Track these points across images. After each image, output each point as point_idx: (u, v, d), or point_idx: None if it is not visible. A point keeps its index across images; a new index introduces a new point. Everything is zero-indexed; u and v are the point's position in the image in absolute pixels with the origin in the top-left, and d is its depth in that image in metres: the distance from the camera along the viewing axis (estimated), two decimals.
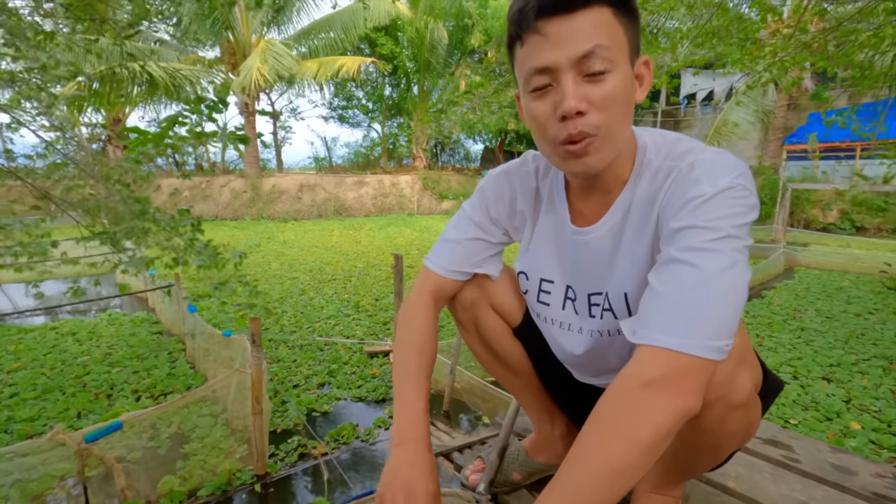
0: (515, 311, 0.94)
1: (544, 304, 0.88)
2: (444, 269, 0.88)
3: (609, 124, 0.64)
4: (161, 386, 2.85)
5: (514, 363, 0.98)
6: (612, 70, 0.62)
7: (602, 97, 0.63)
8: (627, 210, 0.74)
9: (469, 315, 0.94)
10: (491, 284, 0.92)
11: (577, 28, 0.61)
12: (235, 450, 2.24)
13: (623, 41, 0.63)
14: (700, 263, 0.57)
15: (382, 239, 9.00)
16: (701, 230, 0.59)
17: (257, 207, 12.51)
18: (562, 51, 0.62)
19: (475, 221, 0.89)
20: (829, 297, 4.82)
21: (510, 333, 0.96)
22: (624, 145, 0.71)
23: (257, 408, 2.01)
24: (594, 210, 0.78)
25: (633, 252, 0.74)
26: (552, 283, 0.87)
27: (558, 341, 0.89)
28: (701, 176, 0.64)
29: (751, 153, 12.87)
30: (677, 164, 0.68)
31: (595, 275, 0.80)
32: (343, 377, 3.02)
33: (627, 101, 0.65)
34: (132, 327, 3.97)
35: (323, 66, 11.92)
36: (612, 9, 0.61)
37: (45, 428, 2.43)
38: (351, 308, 4.52)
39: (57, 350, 3.46)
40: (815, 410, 2.55)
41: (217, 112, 2.75)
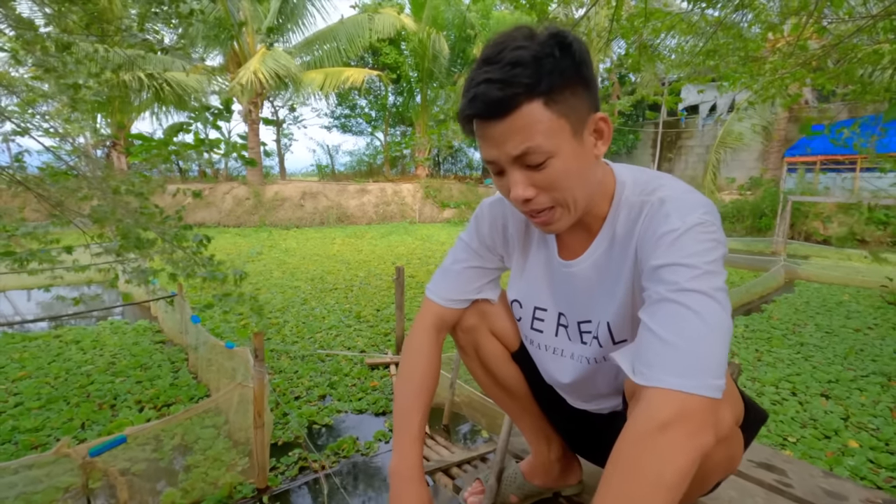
0: (514, 335, 0.98)
1: (538, 331, 0.92)
2: (444, 299, 0.91)
3: (563, 198, 0.69)
4: (164, 397, 2.88)
5: (512, 387, 1.01)
6: (555, 155, 0.65)
7: (548, 182, 0.67)
8: (610, 244, 0.79)
9: (469, 339, 0.97)
10: (490, 310, 0.96)
11: (508, 132, 0.64)
12: (237, 462, 2.27)
13: (561, 125, 0.65)
14: (695, 306, 0.60)
15: (384, 247, 9.04)
16: (682, 268, 0.63)
17: (260, 215, 12.57)
18: (500, 150, 0.66)
19: (472, 249, 0.93)
20: (828, 311, 4.84)
21: (509, 357, 1.00)
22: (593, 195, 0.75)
23: (259, 422, 2.04)
24: (579, 243, 0.83)
25: (613, 285, 0.79)
26: (545, 310, 0.91)
27: (548, 367, 0.93)
28: (671, 211, 0.68)
29: (752, 164, 12.92)
30: (649, 199, 0.72)
31: (583, 304, 0.85)
32: (344, 389, 3.05)
33: (580, 171, 0.69)
34: (135, 336, 4.00)
35: (329, 76, 12.05)
36: (544, 99, 0.63)
37: (50, 439, 2.45)
38: (352, 318, 4.55)
39: (61, 359, 3.49)
40: (814, 428, 2.57)
41: (222, 120, 2.81)
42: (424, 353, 0.88)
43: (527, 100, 0.62)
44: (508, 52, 0.62)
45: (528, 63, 0.62)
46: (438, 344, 0.91)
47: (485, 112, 0.64)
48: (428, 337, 0.89)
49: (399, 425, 0.83)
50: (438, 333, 0.92)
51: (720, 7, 4.28)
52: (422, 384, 0.86)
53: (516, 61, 0.61)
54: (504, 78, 0.61)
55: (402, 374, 0.88)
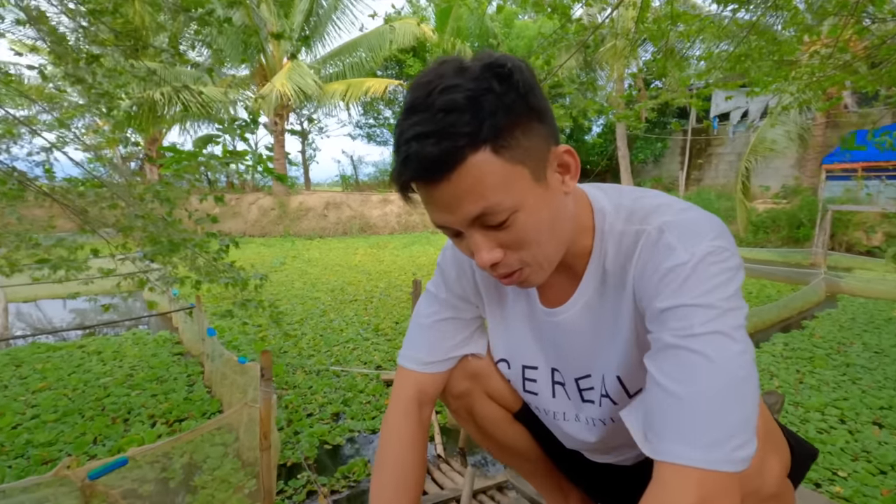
0: (515, 395, 0.83)
1: (531, 393, 0.77)
2: (420, 364, 0.75)
3: (534, 255, 0.57)
4: (177, 411, 2.84)
5: (519, 449, 0.87)
6: (519, 209, 0.53)
7: (514, 240, 0.55)
8: (601, 283, 0.65)
9: (462, 404, 0.83)
10: (483, 368, 0.80)
11: (457, 193, 0.51)
12: (244, 484, 2.19)
13: (518, 172, 0.52)
14: (710, 353, 0.49)
15: (405, 258, 8.99)
16: (695, 309, 0.50)
17: (284, 225, 12.74)
18: (452, 214, 0.53)
19: (441, 300, 0.78)
20: (877, 328, 4.51)
21: (511, 420, 0.85)
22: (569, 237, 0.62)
23: (265, 444, 1.95)
24: (563, 286, 0.68)
25: (616, 330, 0.65)
26: (536, 368, 0.76)
27: (562, 429, 0.79)
28: (674, 242, 0.55)
29: (788, 172, 12.43)
30: (644, 228, 0.59)
31: (579, 357, 0.70)
32: (358, 407, 2.95)
33: (550, 218, 0.56)
34: (155, 347, 4.01)
35: (351, 87, 12.17)
36: (491, 146, 0.50)
37: (62, 454, 2.43)
38: (370, 331, 4.47)
39: (81, 370, 3.51)
40: (867, 461, 2.34)
41: (249, 132, 2.80)
42: (404, 440, 0.71)
43: (471, 151, 0.49)
44: (437, 96, 0.50)
45: (464, 107, 0.49)
46: (421, 424, 0.74)
47: (423, 175, 0.51)
48: (407, 418, 0.73)
49: None
50: (421, 409, 0.75)
51: (752, 8, 4.09)
52: (403, 482, 0.69)
53: (450, 107, 0.49)
54: (438, 129, 0.49)
55: (378, 469, 0.71)
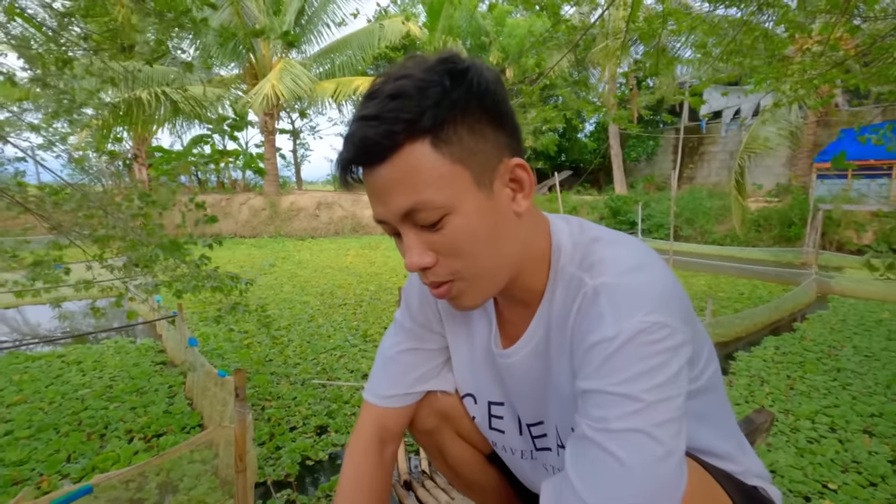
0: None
1: (498, 430, 0.72)
2: (381, 398, 0.71)
3: (467, 267, 0.52)
4: (156, 426, 2.77)
5: (490, 490, 0.82)
6: (452, 211, 0.50)
7: (446, 244, 0.51)
8: (547, 330, 0.60)
9: (432, 442, 0.77)
10: (453, 410, 0.75)
11: (390, 182, 0.49)
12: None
13: (457, 172, 0.49)
14: (622, 455, 0.43)
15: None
16: (613, 398, 0.45)
17: (275, 225, 12.63)
18: (386, 206, 0.51)
19: (406, 329, 0.74)
20: (867, 331, 4.50)
21: (484, 461, 0.80)
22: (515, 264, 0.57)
23: (241, 466, 1.88)
24: (518, 325, 0.64)
25: (562, 383, 0.59)
26: (502, 405, 0.71)
27: (527, 475, 0.73)
28: (605, 311, 0.49)
29: (779, 170, 12.47)
30: (585, 281, 0.53)
31: (531, 402, 0.65)
32: (343, 419, 2.89)
33: (489, 231, 0.52)
34: (137, 356, 3.92)
35: (340, 86, 12.07)
36: (430, 139, 0.48)
37: (34, 473, 2.35)
38: (358, 338, 4.41)
39: (59, 381, 3.42)
40: (857, 472, 2.30)
41: (238, 130, 2.73)
42: (364, 483, 0.67)
43: (408, 139, 0.48)
44: (390, 84, 0.50)
45: (410, 94, 0.48)
46: (382, 463, 0.70)
47: (359, 156, 0.50)
48: (366, 457, 0.68)
49: None
50: (382, 447, 0.71)
51: (742, 5, 4.06)
52: None
53: (396, 93, 0.49)
54: (379, 113, 0.48)
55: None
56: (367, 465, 0.68)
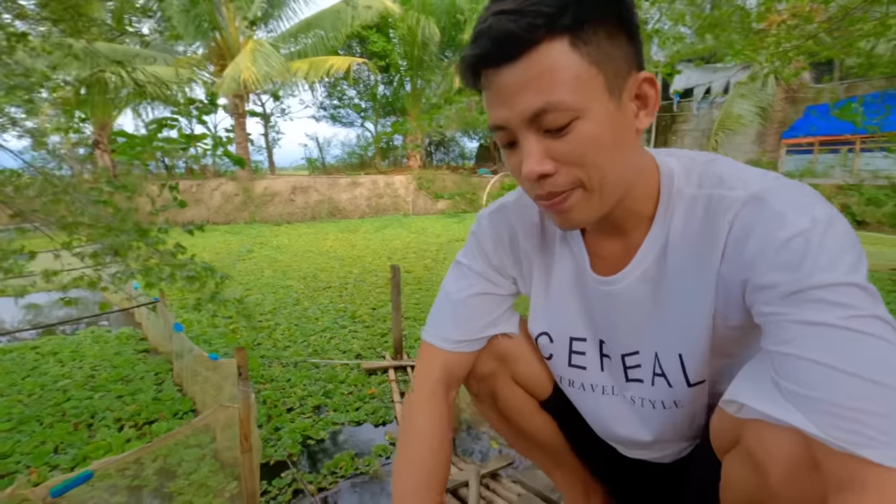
0: (544, 381, 0.76)
1: (579, 367, 0.70)
2: (449, 342, 0.69)
3: (589, 177, 0.51)
4: (146, 413, 2.68)
5: (543, 440, 0.81)
6: (581, 116, 0.48)
7: (570, 151, 0.49)
8: (662, 252, 0.58)
9: (485, 387, 0.76)
10: (512, 350, 0.74)
11: (521, 80, 0.48)
12: (225, 488, 2.08)
13: (592, 75, 0.48)
14: (889, 336, 0.42)
15: (378, 242, 8.83)
16: (845, 289, 0.43)
17: (249, 211, 12.31)
18: (511, 108, 0.49)
19: (477, 272, 0.72)
20: None
21: (537, 408, 0.78)
22: (630, 183, 0.55)
23: (246, 446, 1.84)
24: (617, 254, 0.62)
25: (684, 304, 0.58)
26: (584, 340, 0.69)
27: (599, 413, 0.72)
28: (783, 209, 0.48)
29: (748, 147, 12.79)
30: (730, 194, 0.52)
31: (630, 332, 0.64)
32: (340, 398, 2.86)
33: (613, 142, 0.50)
34: (117, 345, 3.78)
35: (313, 66, 11.72)
36: (570, 38, 0.46)
37: (20, 466, 2.25)
38: (347, 319, 4.36)
39: (36, 373, 3.27)
40: None
41: (207, 114, 2.61)
42: (430, 430, 0.66)
43: (547, 36, 0.46)
44: None
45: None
46: (448, 408, 0.69)
47: (493, 52, 0.48)
48: (434, 403, 0.67)
49: None
50: (448, 392, 0.70)
51: None
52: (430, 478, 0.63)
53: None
54: (519, 7, 0.46)
55: (403, 458, 0.65)
56: (436, 409, 0.67)
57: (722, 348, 0.59)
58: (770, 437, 0.46)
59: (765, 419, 0.46)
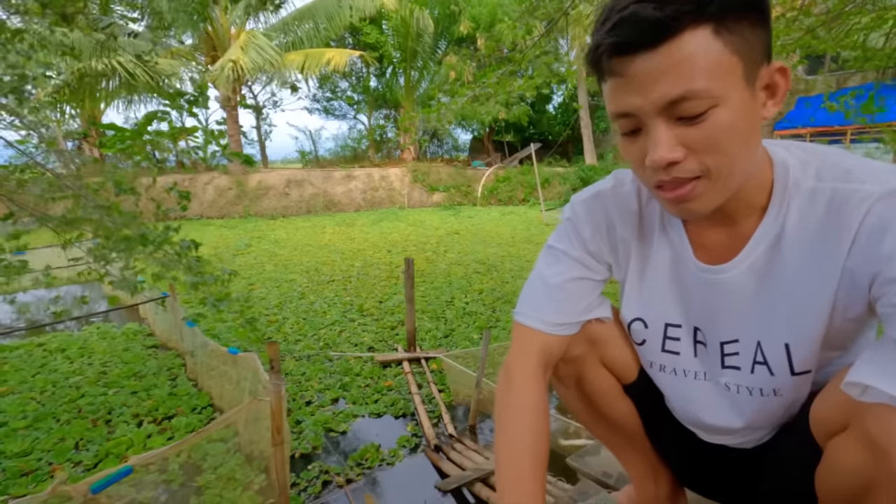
0: (631, 365, 0.78)
1: (672, 353, 0.72)
2: (548, 325, 0.71)
3: (718, 165, 0.51)
4: (163, 408, 2.67)
5: (622, 423, 0.83)
6: (719, 104, 0.48)
7: (703, 138, 0.49)
8: (775, 244, 0.59)
9: (571, 370, 0.78)
10: (602, 334, 0.76)
11: (661, 68, 0.47)
12: (253, 481, 2.08)
13: (733, 63, 0.48)
14: None
15: (377, 235, 8.81)
16: None
17: (244, 205, 12.19)
18: (646, 96, 0.49)
19: (573, 258, 0.73)
20: None
21: (621, 393, 0.80)
22: (748, 177, 0.56)
23: (278, 439, 1.85)
24: (722, 243, 0.63)
25: (796, 296, 0.59)
26: (679, 327, 0.71)
27: (688, 398, 0.74)
28: None
29: None
30: (862, 188, 0.53)
31: (730, 320, 0.65)
32: (357, 391, 2.87)
33: (747, 130, 0.51)
34: (125, 341, 3.75)
35: (309, 58, 11.58)
36: (714, 25, 0.46)
37: (41, 463, 2.24)
38: (355, 312, 4.36)
39: (46, 370, 3.24)
40: None
41: (197, 106, 2.58)
42: (533, 409, 0.67)
43: (692, 24, 0.46)
44: None
45: None
46: (546, 388, 0.71)
47: (634, 39, 0.47)
48: (535, 384, 0.69)
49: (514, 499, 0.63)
50: (545, 373, 0.71)
51: None
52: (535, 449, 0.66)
53: None
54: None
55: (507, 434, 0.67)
56: (538, 393, 0.69)
57: (834, 341, 0.60)
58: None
59: (892, 402, 0.48)
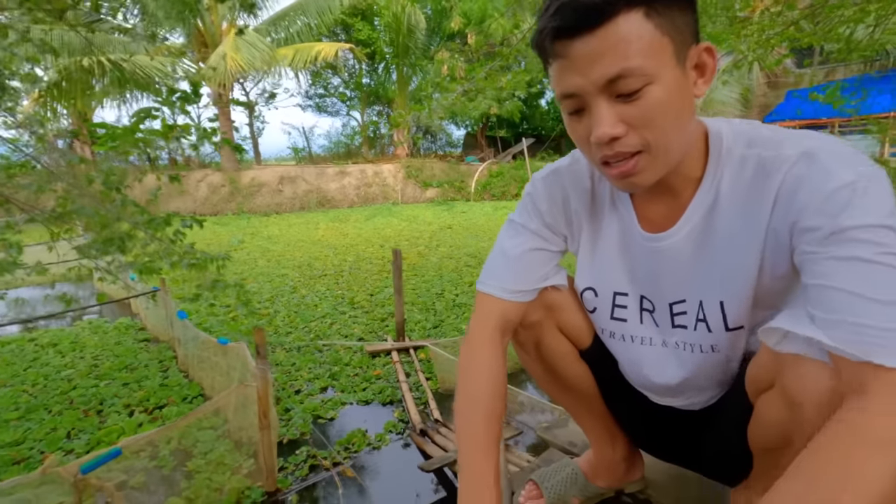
0: (585, 331, 0.84)
1: (620, 320, 0.78)
2: (507, 292, 0.76)
3: (656, 139, 0.56)
4: (154, 398, 2.71)
5: (578, 387, 0.89)
6: (653, 81, 0.54)
7: (641, 115, 0.55)
8: (710, 210, 0.65)
9: (531, 335, 0.84)
10: (559, 301, 0.82)
11: (599, 49, 0.53)
12: (242, 465, 2.13)
13: (664, 44, 0.53)
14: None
15: (370, 230, 8.84)
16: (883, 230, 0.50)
17: (237, 202, 12.18)
18: (586, 76, 0.54)
19: (531, 230, 0.79)
20: None
21: (577, 357, 0.86)
22: (686, 149, 0.62)
23: (265, 423, 1.90)
24: (664, 214, 0.69)
25: (729, 257, 0.65)
26: (626, 295, 0.77)
27: (636, 361, 0.80)
28: (831, 165, 0.55)
29: None
30: (780, 154, 0.58)
31: (675, 282, 0.71)
32: (346, 380, 2.92)
33: (679, 106, 0.56)
34: (117, 335, 3.79)
35: (299, 52, 11.57)
36: (645, 9, 0.52)
37: (33, 451, 2.28)
38: (346, 305, 4.40)
39: (38, 364, 3.27)
40: None
41: (190, 104, 2.61)
42: (489, 368, 0.72)
43: (626, 8, 0.51)
44: None
45: None
46: (504, 351, 0.76)
47: (574, 23, 0.52)
48: (492, 346, 0.74)
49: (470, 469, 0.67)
50: (503, 337, 0.77)
51: None
52: (491, 410, 0.71)
53: None
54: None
55: (465, 396, 0.73)
56: (495, 354, 0.74)
57: (765, 300, 0.65)
58: (806, 372, 0.53)
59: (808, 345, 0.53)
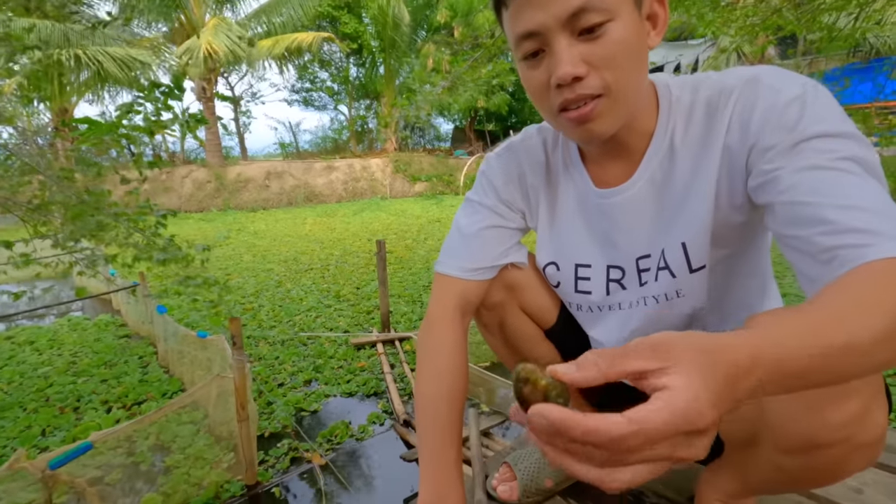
0: (549, 310, 0.82)
1: (584, 292, 0.76)
2: (464, 271, 0.74)
3: (616, 81, 0.55)
4: (133, 394, 2.66)
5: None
6: (613, 18, 0.52)
7: (603, 54, 0.53)
8: (667, 157, 0.64)
9: (494, 317, 0.81)
10: (520, 281, 0.79)
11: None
12: (221, 459, 2.09)
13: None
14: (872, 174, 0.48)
15: (357, 225, 8.78)
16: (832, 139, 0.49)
17: (223, 198, 12.03)
18: (547, 10, 0.52)
19: (487, 207, 0.76)
20: None
21: (542, 337, 0.84)
22: (641, 100, 0.61)
23: (243, 414, 1.86)
24: (619, 172, 0.67)
25: (686, 197, 0.63)
26: (589, 266, 0.74)
27: (610, 328, 0.77)
28: (775, 83, 0.55)
29: None
30: (724, 88, 0.58)
31: (639, 237, 0.69)
32: (330, 372, 2.89)
33: (637, 50, 0.55)
34: (97, 332, 3.71)
35: (278, 42, 11.41)
36: None
37: (7, 450, 2.22)
38: (332, 298, 4.36)
39: (14, 362, 3.19)
40: None
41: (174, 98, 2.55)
42: (448, 348, 0.71)
43: None
44: None
45: None
46: (464, 332, 0.74)
47: None
48: (452, 326, 0.72)
49: (431, 448, 0.66)
50: (463, 318, 0.74)
51: None
52: (451, 391, 0.69)
53: None
54: None
55: (424, 378, 0.70)
56: (454, 333, 0.72)
57: (723, 235, 0.64)
58: None
59: None
